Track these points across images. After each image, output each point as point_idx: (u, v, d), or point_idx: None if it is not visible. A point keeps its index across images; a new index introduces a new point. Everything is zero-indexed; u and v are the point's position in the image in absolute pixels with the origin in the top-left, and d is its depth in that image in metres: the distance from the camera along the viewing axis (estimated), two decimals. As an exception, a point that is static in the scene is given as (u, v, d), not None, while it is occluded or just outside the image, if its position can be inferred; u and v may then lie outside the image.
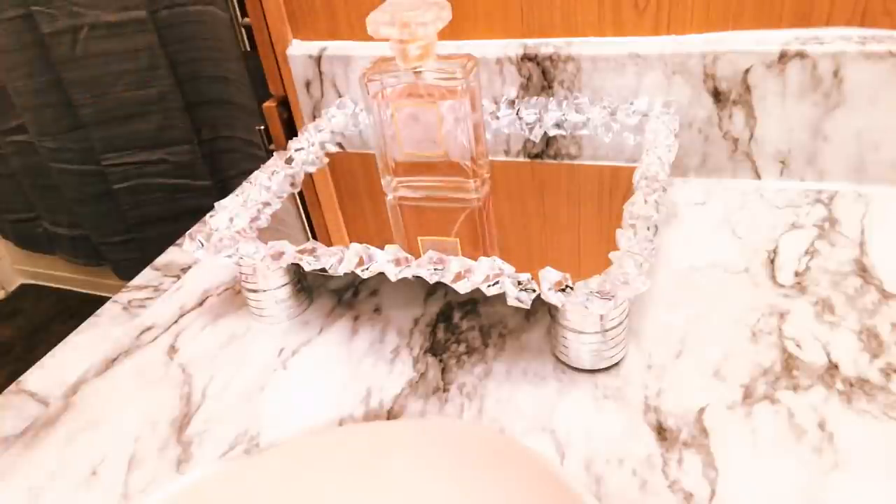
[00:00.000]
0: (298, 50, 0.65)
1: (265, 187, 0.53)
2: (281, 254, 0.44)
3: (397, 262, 0.42)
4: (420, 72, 0.47)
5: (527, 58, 0.58)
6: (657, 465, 0.35)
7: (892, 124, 0.51)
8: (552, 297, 0.38)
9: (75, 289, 1.88)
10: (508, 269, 0.39)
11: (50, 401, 0.45)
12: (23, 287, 1.97)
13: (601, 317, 0.39)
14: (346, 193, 0.56)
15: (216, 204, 0.50)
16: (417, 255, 0.42)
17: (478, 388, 0.41)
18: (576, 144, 0.58)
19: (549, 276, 0.38)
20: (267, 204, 0.52)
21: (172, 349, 0.48)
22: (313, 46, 0.65)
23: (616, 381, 0.41)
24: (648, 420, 0.38)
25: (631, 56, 0.55)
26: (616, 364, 0.41)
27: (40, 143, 1.38)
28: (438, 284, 0.44)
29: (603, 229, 0.46)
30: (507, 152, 0.59)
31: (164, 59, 1.17)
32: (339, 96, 0.65)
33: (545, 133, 0.58)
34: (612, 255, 0.39)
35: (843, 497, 0.33)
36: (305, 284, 0.50)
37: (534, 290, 0.38)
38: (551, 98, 0.58)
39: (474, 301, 0.48)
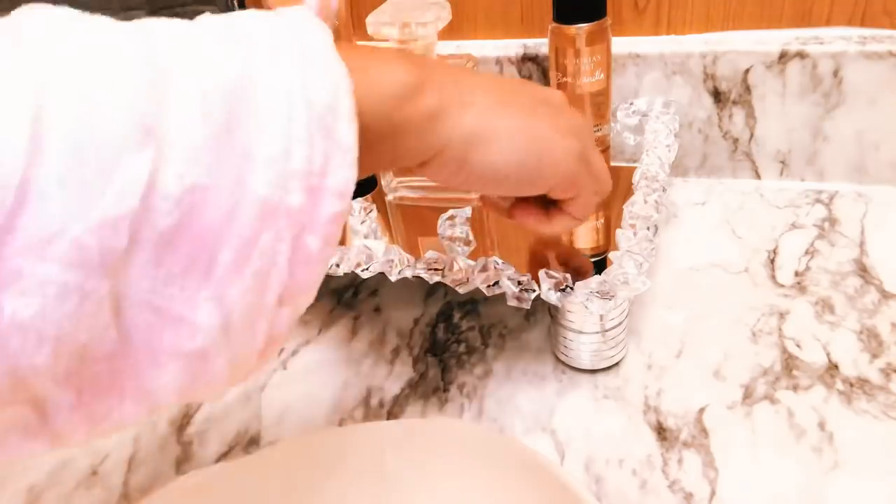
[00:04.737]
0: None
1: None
2: (281, 254, 0.44)
3: (397, 263, 0.42)
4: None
5: (527, 58, 0.58)
6: (657, 465, 0.35)
7: (892, 124, 0.51)
8: (552, 297, 0.38)
9: (75, 289, 1.87)
10: (508, 269, 0.39)
11: (50, 401, 0.45)
12: (23, 287, 1.97)
13: (601, 317, 0.39)
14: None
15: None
16: (417, 255, 0.42)
17: (478, 388, 0.41)
18: (576, 144, 0.58)
19: (549, 276, 0.38)
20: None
21: (172, 349, 0.48)
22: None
23: (616, 381, 0.41)
24: (648, 420, 0.38)
25: (631, 56, 0.55)
26: (616, 364, 0.41)
27: (40, 143, 1.38)
28: (438, 284, 0.44)
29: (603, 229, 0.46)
30: (507, 152, 0.59)
31: (164, 59, 1.17)
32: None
33: (545, 133, 0.58)
34: (612, 255, 0.39)
35: (843, 497, 0.33)
36: (305, 284, 0.50)
37: (534, 290, 0.38)
38: (551, 98, 0.58)
39: (474, 301, 0.48)
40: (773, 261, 0.48)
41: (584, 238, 0.47)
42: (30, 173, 0.15)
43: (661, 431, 0.37)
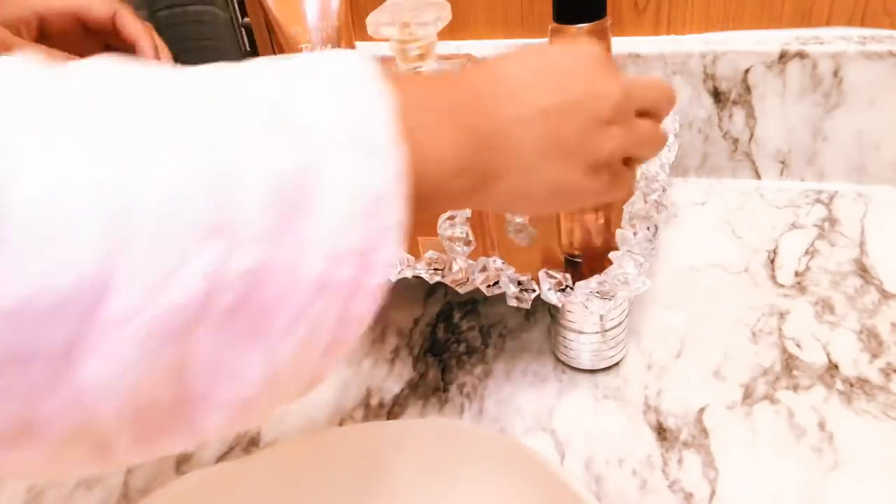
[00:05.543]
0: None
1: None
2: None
3: (397, 263, 0.42)
4: (420, 72, 0.47)
5: (527, 58, 0.58)
6: (657, 465, 0.35)
7: (892, 124, 0.51)
8: (552, 297, 0.38)
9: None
10: (508, 269, 0.39)
11: (50, 401, 0.45)
12: (23, 287, 1.97)
13: (601, 317, 0.39)
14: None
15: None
16: (417, 256, 0.42)
17: (478, 389, 0.41)
18: (576, 144, 0.58)
19: (549, 275, 0.38)
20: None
21: (172, 349, 0.48)
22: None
23: (616, 381, 0.41)
24: (648, 420, 0.38)
25: (631, 56, 0.55)
26: (616, 364, 0.41)
27: (40, 143, 1.38)
28: (438, 284, 0.44)
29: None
30: (507, 152, 0.59)
31: (164, 60, 1.17)
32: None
33: (545, 133, 0.58)
34: (612, 255, 0.39)
35: (843, 497, 0.33)
36: (305, 284, 0.50)
37: (534, 290, 0.38)
38: (551, 98, 0.58)
39: (474, 301, 0.48)
40: (773, 261, 0.48)
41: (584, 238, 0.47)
42: (109, 268, 0.17)
43: (661, 431, 0.37)
